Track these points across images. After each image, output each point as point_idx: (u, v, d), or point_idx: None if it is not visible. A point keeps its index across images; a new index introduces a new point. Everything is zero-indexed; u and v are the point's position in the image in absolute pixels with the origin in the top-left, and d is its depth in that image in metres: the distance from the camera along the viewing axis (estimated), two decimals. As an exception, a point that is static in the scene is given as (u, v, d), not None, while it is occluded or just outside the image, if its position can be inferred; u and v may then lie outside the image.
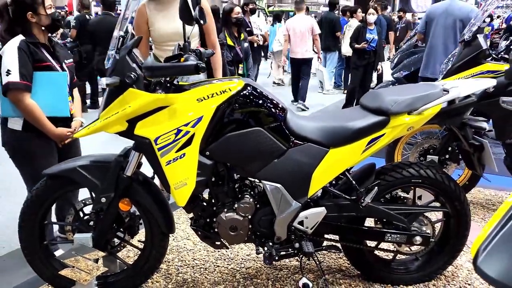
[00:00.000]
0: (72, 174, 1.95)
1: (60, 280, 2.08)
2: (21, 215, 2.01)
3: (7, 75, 2.15)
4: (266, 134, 1.89)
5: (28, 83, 2.18)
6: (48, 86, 2.25)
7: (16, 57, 2.15)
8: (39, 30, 2.27)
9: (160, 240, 2.09)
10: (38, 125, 2.22)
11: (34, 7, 2.21)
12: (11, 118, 2.27)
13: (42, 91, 2.23)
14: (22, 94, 2.17)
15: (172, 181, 1.84)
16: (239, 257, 2.48)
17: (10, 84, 2.14)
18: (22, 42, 2.18)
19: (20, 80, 2.15)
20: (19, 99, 2.17)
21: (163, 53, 2.77)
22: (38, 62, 2.23)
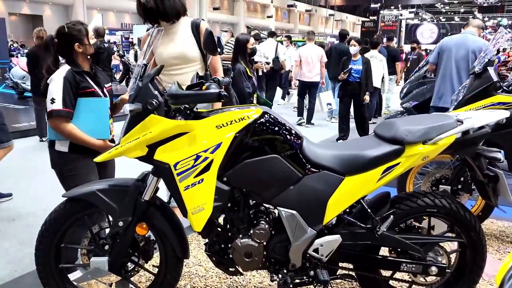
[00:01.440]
0: (91, 197, 1.98)
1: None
2: (39, 237, 2.03)
3: (52, 103, 2.29)
4: (282, 161, 1.92)
5: (70, 110, 2.32)
6: (92, 111, 2.39)
7: (61, 86, 2.29)
8: (83, 59, 2.42)
9: (175, 265, 2.10)
10: (81, 143, 2.35)
11: (80, 38, 2.36)
12: (58, 141, 2.40)
13: (86, 116, 2.37)
14: (62, 120, 2.30)
15: (189, 206, 1.87)
16: (251, 285, 2.47)
17: (53, 112, 2.28)
18: (69, 72, 2.33)
19: (62, 107, 2.29)
20: (59, 125, 2.31)
21: (167, 78, 2.84)
22: (83, 89, 2.36)
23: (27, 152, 6.06)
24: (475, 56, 4.09)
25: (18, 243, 3.25)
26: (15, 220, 3.71)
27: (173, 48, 2.78)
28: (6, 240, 3.30)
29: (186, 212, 1.88)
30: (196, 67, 2.85)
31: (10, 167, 5.30)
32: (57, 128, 2.31)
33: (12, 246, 3.20)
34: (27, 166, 5.31)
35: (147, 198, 1.97)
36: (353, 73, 6.20)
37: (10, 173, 5.04)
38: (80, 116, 2.34)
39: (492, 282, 2.53)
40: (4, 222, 3.67)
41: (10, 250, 3.14)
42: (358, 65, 6.19)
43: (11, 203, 4.09)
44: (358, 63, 6.22)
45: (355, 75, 6.20)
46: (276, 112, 2.02)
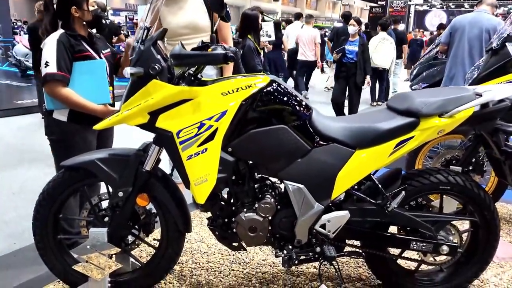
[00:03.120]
0: (90, 166, 1.90)
1: (71, 275, 2.02)
2: (36, 206, 1.97)
3: (46, 66, 2.18)
4: (290, 132, 1.83)
5: (65, 75, 2.20)
6: (88, 74, 2.27)
7: (55, 49, 2.18)
8: (80, 25, 2.30)
9: (176, 239, 2.03)
10: (80, 108, 2.23)
11: (78, 2, 2.25)
12: (56, 110, 2.29)
13: (82, 79, 2.25)
14: (58, 85, 2.18)
15: (192, 177, 1.79)
16: (254, 262, 2.41)
17: (48, 76, 2.17)
18: (63, 35, 2.21)
19: (57, 71, 2.17)
20: (54, 90, 2.19)
21: None
22: (78, 52, 2.25)
23: (29, 129, 6.00)
24: (489, 36, 3.95)
25: (18, 216, 3.20)
26: (15, 194, 3.66)
27: (182, 17, 2.67)
28: (6, 214, 3.25)
29: (189, 183, 1.81)
30: (206, 38, 2.75)
31: (12, 143, 5.25)
32: (53, 93, 2.21)
33: (12, 220, 3.15)
34: (29, 142, 5.25)
35: (148, 168, 1.89)
36: (347, 53, 5.96)
37: (13, 150, 4.99)
38: (76, 80, 2.23)
39: (503, 264, 2.45)
40: (5, 195, 3.62)
41: (10, 224, 3.09)
42: (354, 46, 5.92)
43: (13, 177, 4.04)
44: (355, 44, 5.96)
45: (349, 56, 5.97)
46: (284, 82, 1.93)
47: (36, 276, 2.28)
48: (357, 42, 5.96)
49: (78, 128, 2.31)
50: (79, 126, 2.31)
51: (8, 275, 2.36)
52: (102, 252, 1.85)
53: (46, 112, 2.36)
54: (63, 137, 2.32)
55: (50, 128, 2.36)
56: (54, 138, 2.35)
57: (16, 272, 2.39)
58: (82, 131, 2.32)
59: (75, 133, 2.31)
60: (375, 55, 7.73)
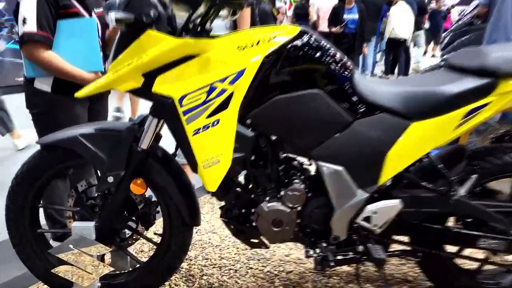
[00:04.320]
0: (72, 144, 1.51)
1: (55, 278, 1.66)
2: (9, 194, 1.59)
3: (23, 24, 1.78)
4: (326, 99, 1.41)
5: (47, 35, 1.80)
6: (76, 35, 1.88)
7: (34, 3, 1.77)
8: None
9: (182, 233, 1.65)
10: (66, 77, 1.85)
11: None
12: (38, 78, 1.91)
13: (68, 41, 1.86)
14: (38, 47, 1.79)
15: (201, 157, 1.38)
16: (276, 258, 2.02)
17: (25, 35, 1.77)
18: None
19: (37, 30, 1.77)
20: (34, 53, 1.80)
21: None
22: (63, 8, 1.84)
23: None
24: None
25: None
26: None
27: None
28: None
29: (196, 166, 1.41)
30: None
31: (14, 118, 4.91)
32: (32, 57, 1.81)
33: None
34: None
35: (145, 146, 1.49)
36: (349, 23, 5.45)
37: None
38: (61, 42, 1.83)
39: None
40: None
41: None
42: (354, 14, 5.41)
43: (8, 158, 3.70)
44: (353, 11, 5.44)
45: (350, 26, 5.46)
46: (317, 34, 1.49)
47: (22, 273, 1.92)
48: (355, 9, 5.45)
49: (64, 100, 1.93)
50: (66, 97, 1.92)
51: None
52: (88, 253, 1.47)
53: (26, 81, 1.98)
54: (46, 111, 1.94)
55: (32, 100, 1.98)
56: (36, 112, 1.97)
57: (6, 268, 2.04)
58: (69, 103, 1.94)
59: (61, 106, 1.94)
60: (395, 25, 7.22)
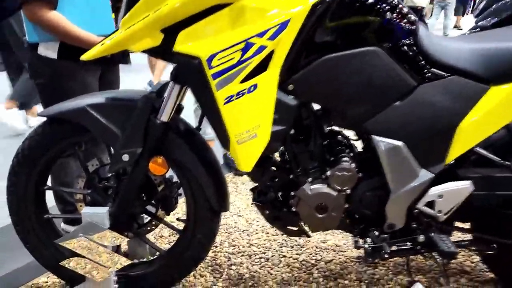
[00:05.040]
0: (78, 116, 1.28)
1: (67, 269, 1.46)
2: (10, 175, 1.38)
3: None
4: (385, 58, 1.16)
5: None
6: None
7: None
8: None
9: (208, 220, 1.43)
10: (73, 41, 1.62)
11: None
12: (43, 43, 1.68)
13: (76, 1, 1.63)
14: (41, 7, 1.55)
15: (233, 131, 1.15)
16: (311, 245, 1.80)
17: None
18: None
19: None
20: (37, 14, 1.56)
21: None
22: None
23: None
24: None
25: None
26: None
27: None
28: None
29: (228, 141, 1.17)
30: None
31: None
32: (35, 18, 1.58)
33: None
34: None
35: (165, 118, 1.25)
36: None
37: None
38: (67, 2, 1.59)
39: None
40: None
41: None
42: None
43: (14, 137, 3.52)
44: None
45: None
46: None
47: (30, 261, 1.73)
48: None
49: (72, 67, 1.70)
50: (75, 64, 1.69)
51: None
52: (101, 242, 1.26)
53: (29, 47, 1.75)
54: (52, 80, 1.72)
55: (36, 68, 1.75)
56: (42, 82, 1.75)
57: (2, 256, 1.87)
58: (78, 71, 1.71)
59: (69, 75, 1.71)
60: None
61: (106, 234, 1.25)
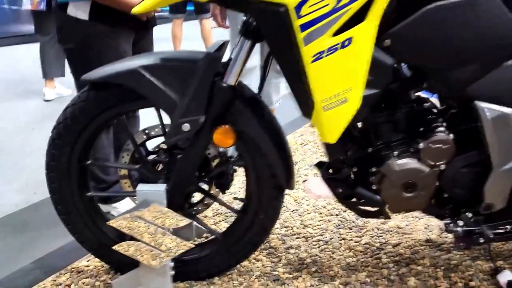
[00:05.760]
0: (131, 79, 1.11)
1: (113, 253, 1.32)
2: (49, 149, 1.22)
3: None
4: (502, 8, 0.96)
5: None
6: None
7: None
8: None
9: (273, 199, 1.27)
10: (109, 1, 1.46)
11: None
12: (72, 3, 1.51)
13: None
14: None
15: (320, 95, 0.97)
16: (371, 226, 1.64)
17: None
18: None
19: None
20: None
21: None
22: None
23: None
24: None
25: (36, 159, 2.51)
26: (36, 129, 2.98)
27: None
28: (22, 156, 2.58)
29: (311, 108, 0.99)
30: None
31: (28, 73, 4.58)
32: None
33: (30, 164, 2.47)
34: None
35: (233, 81, 1.08)
36: None
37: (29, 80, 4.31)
38: None
39: None
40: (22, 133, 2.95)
41: (26, 168, 2.41)
42: None
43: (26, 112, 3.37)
44: None
45: None
46: None
47: (67, 242, 1.58)
48: None
49: (105, 30, 1.53)
50: (107, 27, 1.53)
51: (26, 239, 1.71)
52: (160, 224, 1.11)
53: (57, 8, 1.58)
54: (84, 45, 1.55)
55: (65, 31, 1.59)
56: (71, 47, 1.59)
57: (36, 234, 1.73)
58: (111, 35, 1.54)
59: (101, 39, 1.54)
60: None
61: (167, 214, 1.10)
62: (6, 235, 1.74)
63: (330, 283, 1.34)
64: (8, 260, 1.55)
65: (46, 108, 3.48)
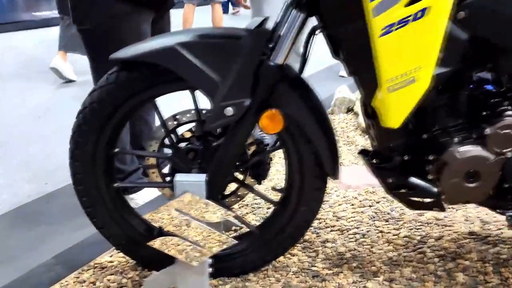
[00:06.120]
0: (167, 59, 1.00)
1: (142, 249, 1.22)
2: (74, 137, 1.11)
3: None
4: None
5: None
6: None
7: None
8: None
9: (316, 189, 1.17)
10: None
11: None
12: None
13: None
14: None
15: (387, 73, 0.88)
16: (408, 218, 1.55)
17: None
18: None
19: None
20: None
21: None
22: None
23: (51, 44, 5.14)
24: None
25: (47, 147, 2.40)
26: (41, 117, 2.86)
27: None
28: (32, 144, 2.47)
29: (374, 88, 0.90)
30: None
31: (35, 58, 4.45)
32: None
33: (40, 152, 2.36)
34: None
35: (281, 60, 0.97)
36: None
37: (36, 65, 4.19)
38: None
39: None
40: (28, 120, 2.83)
41: (38, 157, 2.30)
42: None
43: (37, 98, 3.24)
44: None
45: None
46: None
47: (87, 236, 1.49)
48: None
49: (127, 10, 1.42)
50: (129, 7, 1.42)
51: (42, 232, 1.61)
52: (200, 218, 1.01)
53: None
54: (102, 25, 1.44)
55: (80, 10, 1.48)
56: (87, 28, 1.48)
57: (52, 227, 1.64)
58: (133, 15, 1.44)
59: (122, 18, 1.43)
60: None
61: (208, 206, 1.00)
62: (21, 227, 1.64)
63: (373, 279, 1.25)
64: (26, 254, 1.46)
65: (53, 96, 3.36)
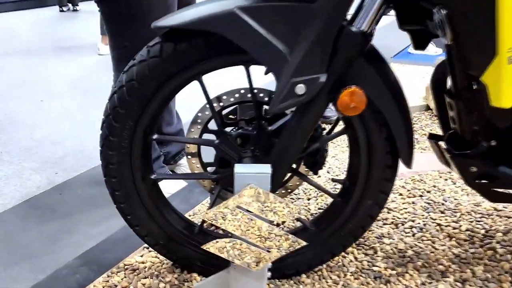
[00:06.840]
0: (224, 26, 0.83)
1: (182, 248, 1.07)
2: (107, 120, 0.94)
3: None
4: None
5: None
6: None
7: None
8: None
9: (385, 180, 1.02)
10: None
11: None
12: None
13: None
14: None
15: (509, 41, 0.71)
16: (464, 209, 1.40)
17: None
18: None
19: None
20: None
21: None
22: None
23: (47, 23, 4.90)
24: None
25: (53, 133, 2.22)
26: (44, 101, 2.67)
27: None
28: (37, 129, 2.29)
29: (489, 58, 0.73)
30: None
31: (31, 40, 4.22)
32: None
33: (45, 138, 2.18)
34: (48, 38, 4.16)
35: (366, 27, 0.81)
36: None
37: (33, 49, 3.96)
38: None
39: None
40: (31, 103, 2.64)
41: (44, 144, 2.13)
42: None
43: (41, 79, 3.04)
44: None
45: None
46: None
47: (112, 234, 1.33)
48: None
49: None
50: None
51: (58, 226, 1.45)
52: (264, 216, 0.85)
53: None
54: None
55: None
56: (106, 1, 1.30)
57: (68, 221, 1.48)
58: None
59: None
60: None
61: (273, 202, 0.84)
62: (35, 222, 1.47)
63: (443, 280, 1.12)
64: (43, 252, 1.31)
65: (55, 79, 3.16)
